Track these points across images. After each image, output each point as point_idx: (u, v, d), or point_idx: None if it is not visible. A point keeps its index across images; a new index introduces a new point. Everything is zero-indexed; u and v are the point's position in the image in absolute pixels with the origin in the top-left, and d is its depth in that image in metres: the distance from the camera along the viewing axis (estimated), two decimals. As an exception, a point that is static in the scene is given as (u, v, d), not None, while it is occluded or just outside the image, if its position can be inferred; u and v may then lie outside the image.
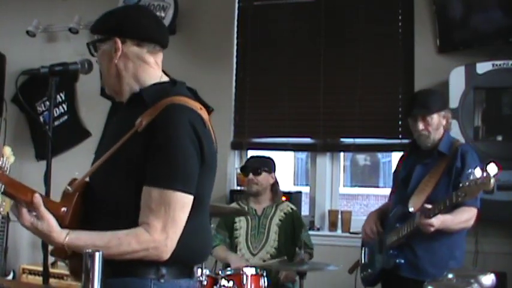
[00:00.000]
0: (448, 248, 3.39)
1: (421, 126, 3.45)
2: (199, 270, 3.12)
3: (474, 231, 3.97)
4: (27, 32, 5.74)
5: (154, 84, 2.14)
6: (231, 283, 3.30)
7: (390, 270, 3.48)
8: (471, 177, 3.01)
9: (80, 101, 5.83)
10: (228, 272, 3.46)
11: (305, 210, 5.19)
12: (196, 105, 2.07)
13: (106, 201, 2.03)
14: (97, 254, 1.67)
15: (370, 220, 3.72)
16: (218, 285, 3.34)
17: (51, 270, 5.20)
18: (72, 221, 1.99)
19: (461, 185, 3.08)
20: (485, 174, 2.95)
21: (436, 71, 4.41)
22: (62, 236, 1.93)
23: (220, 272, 3.47)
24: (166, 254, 1.95)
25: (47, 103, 5.80)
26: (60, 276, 5.15)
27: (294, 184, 16.76)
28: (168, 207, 1.92)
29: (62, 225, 1.96)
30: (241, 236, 4.24)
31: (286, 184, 14.01)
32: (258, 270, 3.38)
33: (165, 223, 1.92)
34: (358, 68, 4.85)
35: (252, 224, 4.25)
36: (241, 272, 3.28)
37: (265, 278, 3.33)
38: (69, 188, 2.05)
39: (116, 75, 2.12)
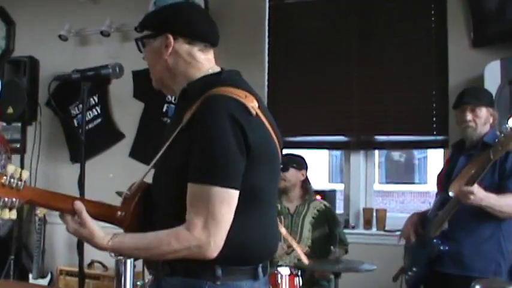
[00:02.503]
0: (495, 242, 3.32)
1: (469, 116, 3.44)
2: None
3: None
4: (60, 36, 5.80)
5: (201, 78, 2.10)
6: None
7: (435, 270, 3.40)
8: (505, 130, 3.02)
9: (113, 103, 5.87)
10: None
11: (340, 208, 5.16)
12: (239, 94, 1.97)
13: (162, 202, 2.03)
14: (129, 261, 1.69)
15: (410, 223, 3.65)
16: None
17: (87, 271, 5.27)
18: (132, 224, 2.02)
19: (496, 140, 3.07)
20: None
21: (471, 66, 4.34)
22: (104, 241, 1.94)
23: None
24: (212, 253, 1.87)
25: (81, 106, 5.88)
26: (96, 277, 5.22)
27: (329, 181, 16.72)
28: (208, 203, 1.85)
29: (123, 229, 2.01)
30: None
31: (321, 182, 14.00)
32: (293, 270, 3.37)
33: (206, 220, 1.86)
34: (391, 65, 4.79)
35: (285, 222, 4.24)
36: (276, 271, 3.27)
37: (300, 278, 3.31)
38: (127, 192, 2.07)
39: (166, 70, 2.12)
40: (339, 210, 5.10)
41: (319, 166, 15.89)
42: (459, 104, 3.53)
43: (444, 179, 3.55)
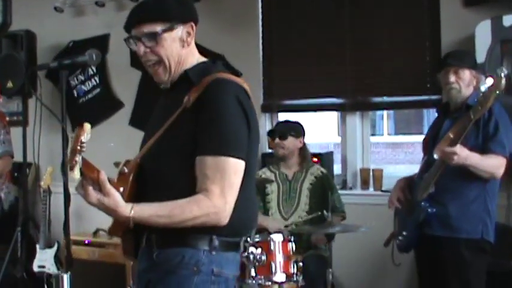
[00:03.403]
0: (481, 202, 3.38)
1: (452, 78, 3.47)
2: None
3: (506, 186, 3.98)
4: (55, 8, 5.82)
5: (198, 64, 2.23)
6: (259, 250, 3.36)
7: (424, 233, 3.45)
8: (483, 88, 3.06)
9: (111, 73, 5.93)
10: (256, 239, 3.52)
11: (338, 170, 5.24)
12: (238, 80, 2.17)
13: (160, 179, 2.13)
14: (65, 276, 1.83)
15: (397, 188, 3.69)
16: (247, 253, 3.41)
17: (93, 239, 5.39)
18: (128, 200, 2.07)
19: (476, 99, 3.11)
20: (495, 77, 3.02)
21: (463, 25, 4.33)
22: (127, 209, 2.01)
23: (248, 239, 3.53)
24: (225, 219, 2.04)
25: (80, 77, 5.94)
26: (102, 245, 5.34)
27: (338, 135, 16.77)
28: (224, 172, 2.01)
29: None
30: (272, 201, 4.31)
31: (332, 136, 14.02)
32: (285, 236, 3.43)
33: (222, 188, 2.01)
34: (384, 25, 4.80)
35: (283, 188, 4.31)
36: (269, 238, 3.31)
37: (292, 243, 3.37)
38: (124, 168, 2.16)
39: (177, 59, 2.20)
40: (337, 171, 5.19)
41: (328, 122, 15.93)
42: (442, 65, 3.56)
43: (430, 143, 3.60)
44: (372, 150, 5.34)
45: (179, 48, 2.18)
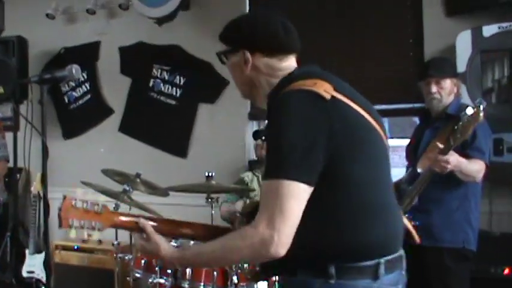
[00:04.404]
0: (463, 212, 3.44)
1: (434, 89, 3.54)
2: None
3: (488, 193, 4.06)
4: (47, 15, 5.89)
5: (277, 84, 2.05)
6: None
7: (408, 242, 3.50)
8: (465, 117, 3.11)
9: (102, 79, 5.97)
10: None
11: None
12: (308, 83, 1.90)
13: None
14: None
15: None
16: None
17: (82, 245, 5.43)
18: None
19: (456, 127, 3.15)
20: (475, 109, 3.07)
21: (445, 34, 4.41)
22: (169, 252, 1.99)
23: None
24: (276, 249, 1.76)
25: (71, 83, 5.98)
26: (91, 251, 5.38)
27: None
28: (275, 197, 1.77)
29: None
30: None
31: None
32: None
33: (271, 214, 1.76)
34: (368, 36, 4.88)
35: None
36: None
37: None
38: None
39: (249, 84, 2.11)
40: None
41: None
42: (424, 76, 3.62)
43: (412, 153, 3.66)
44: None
45: (244, 74, 2.11)
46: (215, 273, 3.40)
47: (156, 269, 3.52)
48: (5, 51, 5.75)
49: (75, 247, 5.44)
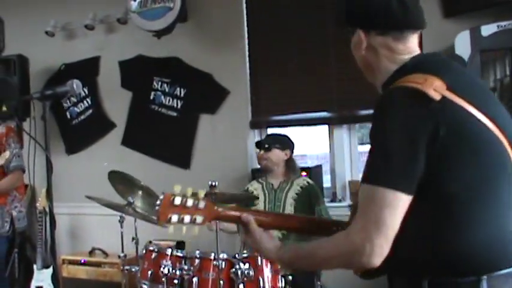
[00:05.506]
0: None
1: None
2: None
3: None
4: (46, 32, 5.93)
5: (393, 73, 1.89)
6: (247, 265, 3.41)
7: None
8: None
9: (103, 94, 6.00)
10: (244, 255, 3.55)
11: (327, 183, 5.29)
12: (417, 80, 1.71)
13: None
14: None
15: None
16: (235, 269, 3.46)
17: (89, 259, 5.45)
18: None
19: None
20: None
21: (443, 36, 4.38)
22: (268, 251, 2.01)
23: (236, 255, 3.56)
24: (368, 259, 1.66)
25: (73, 99, 6.02)
26: (98, 264, 5.39)
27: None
28: (372, 204, 1.67)
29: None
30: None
31: (323, 149, 14.06)
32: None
33: (366, 222, 1.67)
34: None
35: (269, 197, 4.37)
36: (257, 253, 3.32)
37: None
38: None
39: (366, 65, 2.00)
40: (327, 184, 5.27)
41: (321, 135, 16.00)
42: None
43: None
44: (362, 159, 5.40)
45: (361, 54, 2.01)
46: (221, 282, 3.42)
47: (163, 279, 3.54)
48: (7, 70, 5.80)
49: (82, 261, 5.46)
